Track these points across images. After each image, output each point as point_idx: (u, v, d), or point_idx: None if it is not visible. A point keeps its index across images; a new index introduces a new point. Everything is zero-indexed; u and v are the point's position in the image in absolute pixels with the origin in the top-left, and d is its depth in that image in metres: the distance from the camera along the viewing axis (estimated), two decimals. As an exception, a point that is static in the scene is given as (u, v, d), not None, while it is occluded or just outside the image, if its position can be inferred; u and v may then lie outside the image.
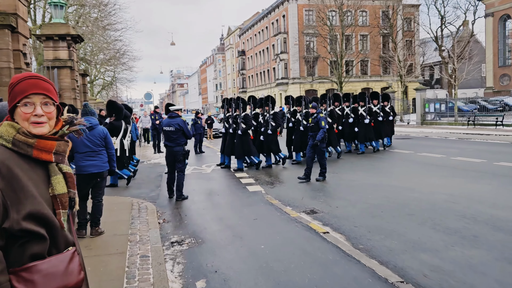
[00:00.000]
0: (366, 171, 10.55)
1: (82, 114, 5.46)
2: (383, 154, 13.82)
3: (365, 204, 7.16)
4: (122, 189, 9.46)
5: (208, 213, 7.10)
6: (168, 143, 8.10)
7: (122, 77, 42.90)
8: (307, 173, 9.34)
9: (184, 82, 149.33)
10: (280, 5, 53.92)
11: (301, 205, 7.35)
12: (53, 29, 13.40)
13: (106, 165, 5.52)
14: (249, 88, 69.65)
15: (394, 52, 41.42)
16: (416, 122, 30.60)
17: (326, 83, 48.60)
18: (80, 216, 5.48)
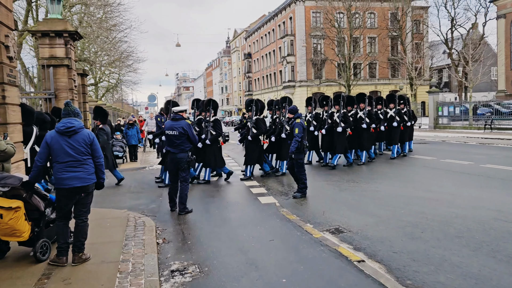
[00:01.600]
0: (389, 180, 9.50)
1: (63, 114, 4.47)
2: (403, 160, 12.75)
3: (399, 221, 6.12)
4: (119, 196, 8.49)
5: (215, 231, 6.09)
6: (171, 148, 7.11)
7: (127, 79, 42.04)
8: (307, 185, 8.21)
9: (190, 85, 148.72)
10: (287, 7, 53.04)
11: (324, 222, 6.33)
12: (49, 25, 12.46)
13: (92, 177, 4.52)
14: (255, 91, 68.73)
15: (404, 54, 40.36)
16: (428, 126, 29.48)
17: (334, 86, 47.57)
18: (61, 240, 4.49)
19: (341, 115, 11.52)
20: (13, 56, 6.81)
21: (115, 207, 7.68)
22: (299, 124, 7.97)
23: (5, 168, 5.02)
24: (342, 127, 11.32)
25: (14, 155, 5.41)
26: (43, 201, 4.80)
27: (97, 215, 6.72)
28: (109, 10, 27.45)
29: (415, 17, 46.48)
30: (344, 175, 10.41)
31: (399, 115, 13.26)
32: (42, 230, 4.76)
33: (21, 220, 4.48)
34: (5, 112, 6.57)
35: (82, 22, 25.82)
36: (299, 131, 7.89)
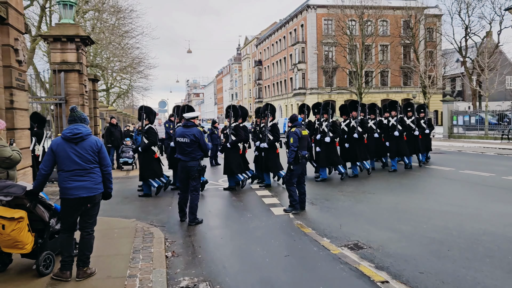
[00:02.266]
0: (408, 192, 9.12)
1: (69, 120, 4.23)
2: (420, 171, 12.34)
3: (423, 237, 5.76)
4: (127, 204, 8.24)
5: (227, 244, 5.80)
6: (182, 156, 6.85)
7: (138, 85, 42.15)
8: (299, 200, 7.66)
9: (200, 92, 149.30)
10: (298, 14, 52.92)
11: (341, 236, 5.99)
12: (61, 30, 12.38)
13: (99, 186, 4.26)
14: (266, 98, 68.56)
15: (417, 62, 39.86)
16: (443, 135, 28.90)
17: (345, 94, 47.15)
18: (65, 253, 4.23)
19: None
20: (22, 60, 6.64)
21: (123, 216, 7.43)
22: (293, 133, 7.45)
23: (10, 176, 4.79)
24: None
25: (21, 161, 5.20)
26: (48, 211, 4.56)
27: (104, 224, 6.48)
28: (122, 16, 27.56)
29: (428, 25, 46.03)
30: (359, 185, 10.05)
31: (418, 124, 12.80)
32: (46, 241, 4.51)
33: (24, 232, 4.24)
34: (13, 117, 6.38)
35: (95, 28, 25.92)
36: (294, 141, 7.39)
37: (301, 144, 7.45)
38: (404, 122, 12.45)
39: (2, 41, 6.18)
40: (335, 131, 10.72)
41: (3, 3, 6.11)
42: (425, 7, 43.32)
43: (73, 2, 13.06)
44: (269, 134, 10.01)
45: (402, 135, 12.28)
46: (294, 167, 7.42)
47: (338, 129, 10.84)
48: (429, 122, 13.51)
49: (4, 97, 6.20)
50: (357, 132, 11.25)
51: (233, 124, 10.00)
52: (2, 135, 4.95)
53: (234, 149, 10.01)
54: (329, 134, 10.60)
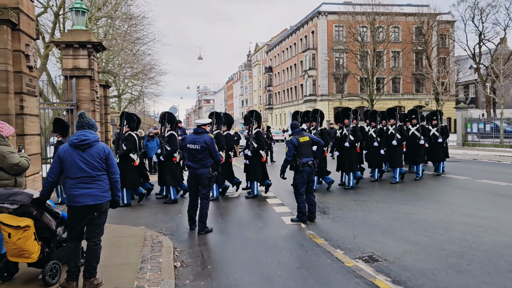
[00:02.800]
0: (423, 202, 8.87)
1: (77, 126, 4.14)
2: (435, 180, 12.06)
3: (440, 250, 5.54)
4: (136, 211, 8.14)
5: (237, 254, 5.64)
6: (192, 163, 6.73)
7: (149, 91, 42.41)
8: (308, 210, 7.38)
9: (211, 98, 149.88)
10: (309, 21, 52.89)
11: (355, 248, 5.80)
12: (73, 36, 12.44)
13: (107, 194, 4.16)
14: (276, 104, 68.50)
15: (429, 69, 39.44)
16: (457, 143, 28.43)
17: (356, 101, 46.82)
18: (71, 263, 4.12)
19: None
20: (33, 65, 6.61)
21: (132, 223, 7.33)
22: (288, 142, 7.25)
23: (18, 183, 4.72)
24: None
25: (30, 167, 5.13)
26: (55, 219, 4.46)
27: (112, 232, 6.39)
28: (134, 23, 27.77)
29: (441, 31, 45.60)
30: (372, 194, 9.83)
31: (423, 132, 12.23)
32: (53, 250, 4.41)
33: (30, 240, 4.15)
34: (22, 123, 6.34)
35: (107, 35, 26.13)
36: (288, 150, 7.19)
37: (299, 152, 7.19)
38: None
39: (13, 47, 6.16)
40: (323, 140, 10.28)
41: (14, 8, 6.09)
42: (438, 14, 42.92)
43: (85, 8, 13.15)
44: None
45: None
46: (297, 176, 7.24)
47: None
48: (443, 129, 13.00)
49: (14, 102, 6.16)
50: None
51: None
52: (11, 141, 4.89)
53: None
54: None
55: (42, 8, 21.59)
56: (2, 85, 5.96)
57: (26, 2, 6.51)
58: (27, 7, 6.54)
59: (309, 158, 7.25)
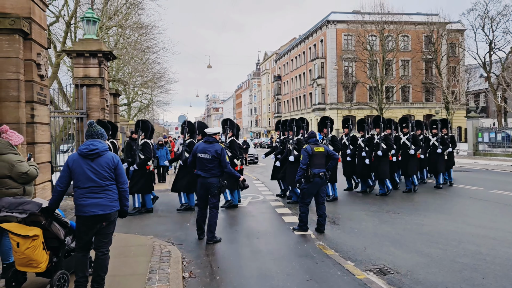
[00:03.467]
0: (435, 212, 8.73)
1: (87, 136, 4.14)
2: (446, 190, 11.87)
3: (453, 262, 5.41)
4: (145, 220, 8.10)
5: (246, 265, 5.57)
6: (202, 172, 6.69)
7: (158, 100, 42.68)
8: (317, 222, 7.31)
9: (219, 106, 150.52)
10: (318, 30, 53.03)
11: (366, 259, 5.69)
12: (84, 45, 12.59)
13: (115, 204, 4.13)
14: (284, 113, 68.49)
15: (439, 78, 39.19)
16: (467, 153, 28.09)
17: (365, 109, 46.63)
18: (79, 273, 4.09)
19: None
20: (44, 74, 6.67)
21: (140, 232, 7.30)
22: (303, 150, 7.14)
23: (27, 191, 4.72)
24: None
25: (40, 176, 5.14)
26: (64, 228, 4.44)
27: (121, 241, 6.36)
28: (144, 32, 28.03)
29: (451, 40, 45.37)
30: (383, 205, 9.70)
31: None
32: (61, 260, 4.38)
33: (38, 250, 4.13)
34: (33, 132, 6.39)
35: (117, 44, 26.42)
36: (303, 158, 7.07)
37: (313, 162, 7.07)
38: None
39: (25, 56, 6.23)
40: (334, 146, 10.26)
41: (26, 18, 6.17)
42: (447, 22, 42.71)
43: (96, 18, 13.31)
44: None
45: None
46: (305, 186, 7.14)
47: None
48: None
49: (25, 111, 6.21)
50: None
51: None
52: (20, 150, 4.90)
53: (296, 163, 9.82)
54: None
55: (54, 17, 21.90)
56: (14, 93, 6.02)
57: (38, 12, 6.59)
58: (39, 17, 6.62)
59: (321, 169, 7.10)
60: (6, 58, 5.96)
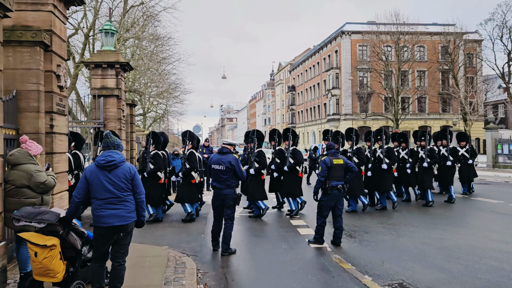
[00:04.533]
0: (454, 226, 8.52)
1: (103, 147, 4.17)
2: (467, 203, 11.60)
3: (475, 279, 5.25)
4: (159, 230, 8.10)
5: (261, 278, 5.50)
6: (217, 184, 6.68)
7: (173, 110, 43.11)
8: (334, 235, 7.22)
9: (234, 117, 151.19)
10: (332, 40, 53.05)
11: (384, 274, 5.56)
12: (102, 57, 12.81)
13: (133, 215, 4.14)
14: (299, 123, 68.39)
15: (457, 89, 38.67)
16: (486, 165, 27.53)
17: (381, 120, 46.24)
18: (95, 284, 4.09)
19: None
20: (63, 85, 6.77)
21: (155, 243, 7.29)
22: (322, 162, 7.07)
23: (45, 201, 4.77)
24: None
25: (57, 185, 5.18)
26: (80, 238, 4.46)
27: (136, 252, 6.35)
28: (160, 44, 28.49)
29: (468, 50, 44.77)
30: (401, 217, 9.52)
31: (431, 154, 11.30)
32: (78, 270, 4.39)
33: (55, 260, 4.15)
34: (52, 141, 6.47)
35: (134, 55, 26.88)
36: (321, 170, 6.99)
37: (331, 174, 6.98)
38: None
39: (45, 67, 6.34)
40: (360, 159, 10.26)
41: (47, 31, 6.29)
42: (465, 32, 42.27)
43: (114, 30, 13.54)
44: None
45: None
46: (323, 198, 7.05)
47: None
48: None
49: (45, 121, 6.30)
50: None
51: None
52: (39, 160, 4.96)
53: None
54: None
55: (73, 30, 22.45)
56: (34, 104, 6.11)
57: (59, 24, 6.72)
58: (59, 29, 6.75)
59: (339, 182, 7.01)
60: (27, 70, 6.07)
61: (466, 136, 12.31)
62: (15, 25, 6.07)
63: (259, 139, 9.97)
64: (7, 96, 5.59)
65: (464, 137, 12.37)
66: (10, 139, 5.63)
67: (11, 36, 5.93)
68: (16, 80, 5.99)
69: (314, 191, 7.11)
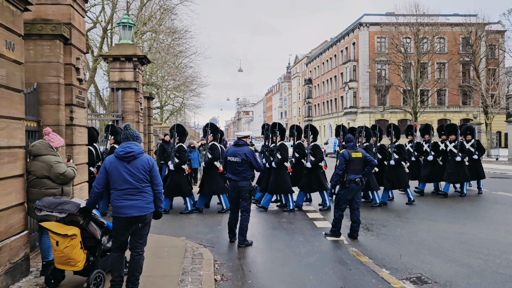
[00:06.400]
0: (474, 220, 8.37)
1: (122, 138, 4.22)
2: (487, 198, 11.37)
3: (495, 274, 5.15)
4: (177, 221, 8.19)
5: (278, 270, 5.51)
6: (232, 176, 6.71)
7: (190, 103, 43.35)
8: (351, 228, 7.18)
9: (250, 110, 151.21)
10: (350, 32, 52.37)
11: (402, 267, 5.51)
12: (120, 50, 12.94)
13: (151, 206, 4.19)
14: (315, 116, 67.98)
15: (478, 81, 37.77)
16: (508, 159, 26.87)
17: (399, 113, 45.61)
18: (115, 273, 4.16)
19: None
20: (82, 78, 6.87)
21: (173, 234, 7.37)
22: (340, 155, 7.02)
23: (65, 192, 4.86)
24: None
25: (77, 176, 5.28)
26: (100, 228, 4.54)
27: (154, 242, 6.43)
28: (177, 37, 28.60)
29: (490, 41, 43.62)
30: (419, 211, 9.40)
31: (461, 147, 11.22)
32: (98, 259, 4.47)
33: (76, 249, 4.23)
34: (72, 133, 6.58)
35: (151, 48, 27.05)
36: (339, 163, 6.95)
37: (349, 168, 6.92)
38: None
39: (65, 60, 6.43)
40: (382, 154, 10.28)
41: (67, 24, 6.37)
42: (487, 23, 41.13)
43: (132, 23, 13.65)
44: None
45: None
46: (341, 191, 7.02)
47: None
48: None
49: (65, 114, 6.41)
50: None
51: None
52: (60, 152, 5.05)
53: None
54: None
55: (92, 23, 22.71)
56: (54, 97, 6.21)
57: (78, 18, 6.80)
58: (79, 23, 6.83)
59: (358, 175, 6.95)
60: (47, 63, 6.17)
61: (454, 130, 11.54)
62: (36, 19, 6.16)
63: (281, 133, 9.99)
64: (28, 89, 5.70)
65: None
66: (32, 131, 5.75)
67: (32, 30, 6.03)
68: (36, 73, 6.09)
69: (332, 184, 7.08)
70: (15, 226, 4.62)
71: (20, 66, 4.79)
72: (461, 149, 11.29)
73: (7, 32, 4.48)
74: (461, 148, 11.25)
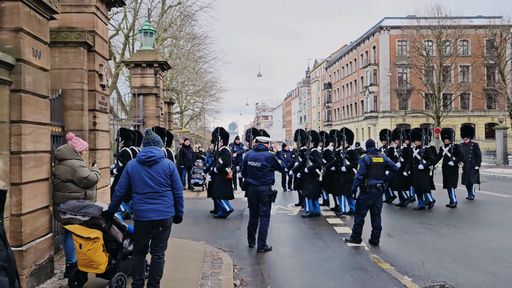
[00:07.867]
0: (500, 228, 8.13)
1: (144, 143, 4.29)
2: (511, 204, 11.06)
3: (524, 283, 4.99)
4: (197, 226, 8.24)
5: (297, 276, 5.47)
6: (252, 180, 6.71)
7: (209, 108, 43.74)
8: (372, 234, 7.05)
9: (269, 115, 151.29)
10: (370, 36, 51.87)
11: (424, 275, 5.39)
12: (141, 56, 13.18)
13: (171, 209, 4.24)
14: (335, 121, 67.47)
15: (503, 84, 36.79)
16: (535, 164, 26.08)
17: (421, 118, 44.81)
18: (136, 276, 4.21)
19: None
20: (105, 84, 7.01)
21: (193, 238, 7.41)
22: (361, 160, 6.92)
23: (88, 195, 4.96)
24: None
25: (99, 181, 5.39)
26: (122, 232, 4.60)
27: (174, 246, 6.48)
28: (197, 43, 28.95)
29: (516, 43, 42.47)
30: (442, 218, 9.20)
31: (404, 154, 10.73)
32: (119, 262, 4.54)
33: (99, 252, 4.31)
34: (95, 138, 6.72)
35: (172, 54, 27.44)
36: (360, 168, 6.85)
37: (370, 172, 6.83)
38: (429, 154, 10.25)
39: (88, 67, 6.59)
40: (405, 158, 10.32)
41: (90, 32, 6.53)
42: (512, 25, 40.17)
43: (153, 30, 13.88)
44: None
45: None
46: (361, 196, 6.93)
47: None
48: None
49: (88, 119, 6.55)
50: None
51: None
52: (84, 156, 5.17)
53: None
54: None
55: (114, 30, 23.23)
56: (78, 102, 6.37)
57: (101, 26, 6.96)
58: (102, 30, 6.99)
59: (379, 181, 6.85)
60: (72, 69, 6.33)
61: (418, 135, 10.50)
62: (61, 27, 6.33)
63: (314, 139, 9.84)
64: (53, 95, 5.85)
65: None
66: (57, 136, 5.91)
67: (57, 38, 6.20)
68: (61, 80, 6.26)
69: (352, 189, 7.00)
70: (40, 229, 4.74)
71: (46, 73, 4.93)
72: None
73: (34, 40, 4.62)
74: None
